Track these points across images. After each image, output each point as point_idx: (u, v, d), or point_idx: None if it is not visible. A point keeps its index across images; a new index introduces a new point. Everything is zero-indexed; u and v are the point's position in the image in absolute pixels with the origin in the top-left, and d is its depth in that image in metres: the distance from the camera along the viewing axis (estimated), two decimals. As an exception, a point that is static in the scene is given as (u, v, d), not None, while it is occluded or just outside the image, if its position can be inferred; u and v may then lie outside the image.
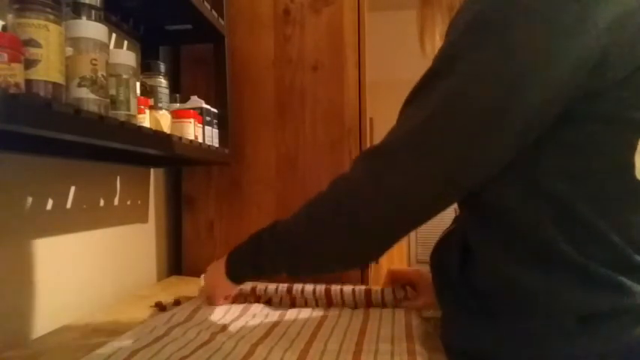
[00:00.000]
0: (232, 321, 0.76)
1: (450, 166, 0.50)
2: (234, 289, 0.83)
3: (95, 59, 0.59)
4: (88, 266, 0.89)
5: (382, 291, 0.84)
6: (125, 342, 0.64)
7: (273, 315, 0.80)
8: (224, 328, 0.72)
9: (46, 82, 0.52)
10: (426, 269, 0.86)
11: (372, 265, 1.26)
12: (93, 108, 0.58)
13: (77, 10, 0.59)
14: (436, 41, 0.64)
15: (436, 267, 0.67)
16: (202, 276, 0.88)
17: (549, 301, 0.49)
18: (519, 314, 0.52)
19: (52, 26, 0.52)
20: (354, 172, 0.57)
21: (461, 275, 0.59)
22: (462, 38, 0.49)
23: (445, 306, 0.64)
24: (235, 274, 0.75)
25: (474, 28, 0.48)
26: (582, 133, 0.48)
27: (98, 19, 0.61)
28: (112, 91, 0.67)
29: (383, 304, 0.83)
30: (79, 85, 0.58)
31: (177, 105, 0.99)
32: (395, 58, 3.20)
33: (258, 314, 0.80)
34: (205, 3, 0.98)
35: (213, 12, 1.02)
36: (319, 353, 0.62)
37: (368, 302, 0.83)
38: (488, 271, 0.55)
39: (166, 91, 0.90)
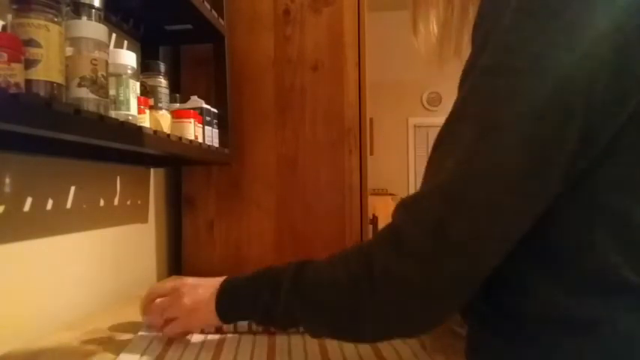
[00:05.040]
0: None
1: (524, 179, 0.41)
2: (215, 325, 0.67)
3: (95, 59, 0.59)
4: (88, 266, 0.89)
5: None
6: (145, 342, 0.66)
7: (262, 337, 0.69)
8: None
9: (46, 82, 0.52)
10: None
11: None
12: (93, 108, 0.58)
13: (77, 10, 0.59)
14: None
15: None
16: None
17: (611, 332, 0.42)
18: (571, 345, 0.44)
19: (52, 26, 0.52)
20: (403, 224, 0.46)
21: (488, 296, 0.50)
22: (514, 28, 0.41)
23: (470, 327, 0.57)
24: (228, 312, 0.61)
25: (528, 14, 0.40)
26: None
27: (98, 19, 0.61)
28: (112, 91, 0.67)
29: None
30: (79, 85, 0.58)
31: (177, 105, 0.99)
32: (395, 58, 3.20)
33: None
34: (205, 3, 0.98)
35: (213, 12, 1.02)
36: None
37: None
38: (527, 295, 0.47)
39: (166, 91, 0.90)
